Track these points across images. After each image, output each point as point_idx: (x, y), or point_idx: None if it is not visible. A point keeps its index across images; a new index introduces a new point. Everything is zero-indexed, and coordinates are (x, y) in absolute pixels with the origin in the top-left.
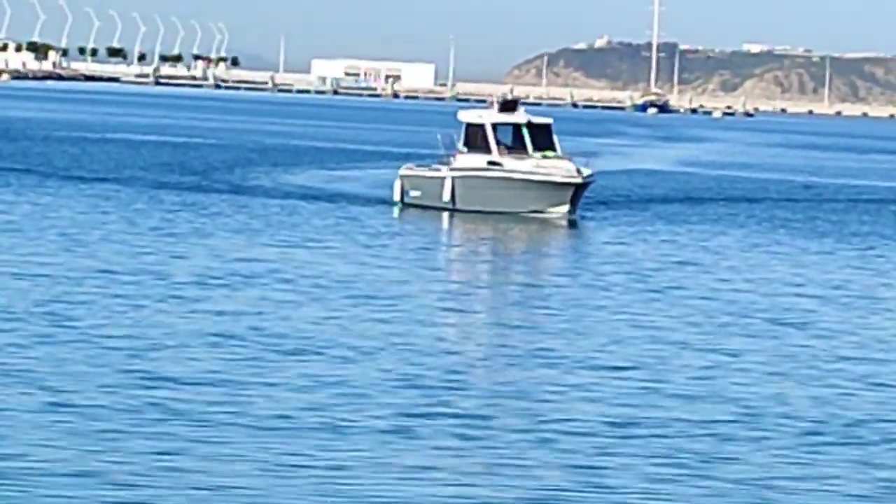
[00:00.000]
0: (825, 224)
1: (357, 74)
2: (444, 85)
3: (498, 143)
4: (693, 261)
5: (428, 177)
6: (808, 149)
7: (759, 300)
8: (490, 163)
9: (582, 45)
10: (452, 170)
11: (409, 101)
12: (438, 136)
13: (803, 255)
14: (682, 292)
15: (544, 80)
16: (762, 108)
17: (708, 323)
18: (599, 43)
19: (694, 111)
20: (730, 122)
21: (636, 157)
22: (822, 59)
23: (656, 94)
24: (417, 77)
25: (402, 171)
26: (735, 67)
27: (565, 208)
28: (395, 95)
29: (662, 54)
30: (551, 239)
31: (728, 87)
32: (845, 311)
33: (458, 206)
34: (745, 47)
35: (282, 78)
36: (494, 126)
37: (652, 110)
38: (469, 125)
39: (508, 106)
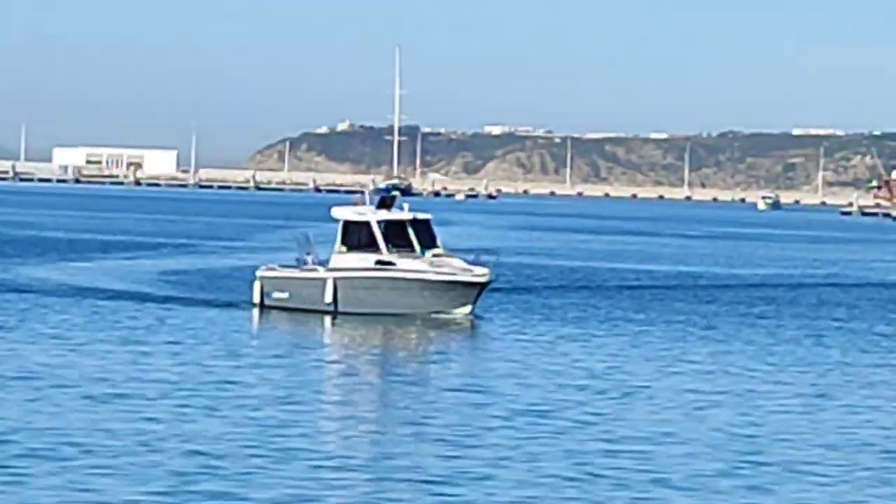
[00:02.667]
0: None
1: (99, 162)
2: (187, 171)
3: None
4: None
5: (298, 277)
6: (553, 231)
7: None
8: (379, 262)
9: (324, 129)
10: (332, 270)
11: (152, 188)
12: (300, 235)
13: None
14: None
15: (286, 165)
16: (505, 189)
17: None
18: (342, 126)
19: (437, 194)
20: (473, 205)
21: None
22: (564, 139)
23: (399, 177)
24: (159, 164)
25: (262, 272)
26: (477, 149)
27: (468, 308)
28: (138, 183)
29: (404, 137)
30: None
31: (470, 169)
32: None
33: (342, 308)
34: (487, 129)
35: (23, 166)
36: (381, 224)
37: (393, 192)
38: (349, 223)
39: (386, 202)
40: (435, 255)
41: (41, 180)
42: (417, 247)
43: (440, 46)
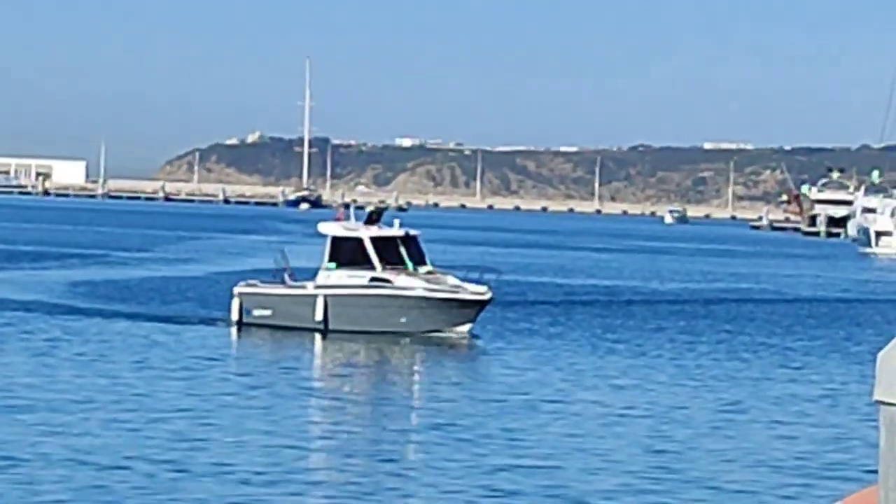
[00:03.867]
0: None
1: (7, 172)
2: (96, 182)
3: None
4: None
5: (283, 294)
6: (464, 244)
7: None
8: (374, 279)
9: (234, 141)
10: (322, 287)
11: (60, 198)
12: (277, 250)
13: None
14: None
15: (196, 176)
16: (415, 202)
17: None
18: (251, 138)
19: (347, 206)
20: (383, 218)
21: (290, 255)
22: (474, 152)
23: (308, 189)
24: (68, 174)
25: (241, 289)
26: (387, 161)
27: (468, 327)
28: (47, 193)
29: (314, 149)
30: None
31: (381, 182)
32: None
33: (334, 326)
34: (398, 141)
35: None
36: (373, 240)
37: (304, 206)
38: (338, 238)
39: (374, 217)
40: (428, 273)
41: None
42: (409, 263)
43: (351, 58)
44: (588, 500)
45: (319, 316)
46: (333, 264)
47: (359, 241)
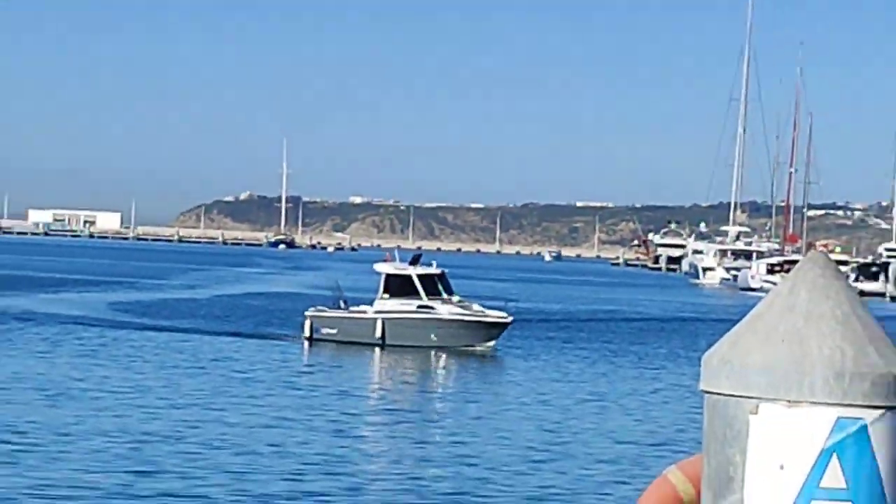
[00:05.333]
0: None
1: (63, 220)
2: (128, 228)
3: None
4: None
5: (347, 317)
6: None
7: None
8: (421, 306)
9: (230, 198)
10: (379, 312)
11: (101, 240)
12: (334, 283)
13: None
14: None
15: (202, 224)
16: (364, 244)
17: None
18: (243, 196)
19: (313, 247)
20: (340, 255)
21: (272, 282)
22: (407, 207)
23: (285, 234)
24: (107, 222)
25: (311, 312)
26: (343, 214)
27: (493, 343)
28: (91, 236)
29: (290, 204)
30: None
31: (338, 229)
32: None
33: (389, 342)
34: (351, 199)
35: (6, 223)
36: (419, 276)
37: (282, 246)
38: (390, 275)
39: (415, 260)
40: (459, 301)
41: (19, 233)
42: (444, 294)
43: (318, 133)
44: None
45: (378, 334)
46: (387, 295)
47: (408, 277)
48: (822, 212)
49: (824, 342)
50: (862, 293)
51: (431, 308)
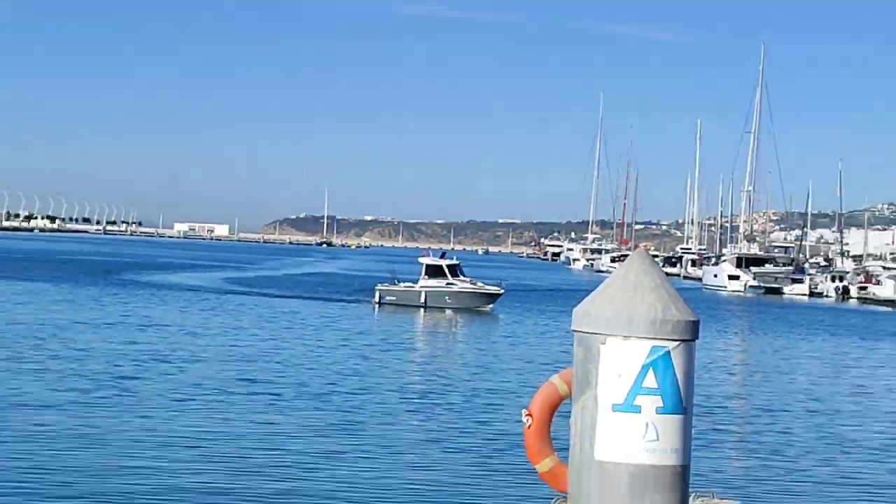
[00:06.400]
0: None
1: (193, 230)
2: (233, 234)
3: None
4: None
5: (402, 290)
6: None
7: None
8: (448, 283)
9: (293, 216)
10: (423, 287)
11: (217, 241)
12: (391, 270)
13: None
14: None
15: (277, 232)
16: (373, 244)
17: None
18: (302, 215)
19: (343, 246)
20: (359, 251)
21: (320, 267)
22: (399, 222)
23: (326, 238)
24: (221, 230)
25: (379, 287)
26: (360, 226)
27: (491, 306)
28: (211, 239)
29: (329, 220)
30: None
31: (358, 235)
32: None
33: (429, 304)
34: (364, 216)
35: (160, 231)
36: (446, 265)
37: (324, 245)
38: (428, 265)
39: (442, 255)
40: (470, 281)
41: (168, 237)
42: (461, 276)
43: (346, 174)
44: None
45: (422, 300)
46: (427, 276)
47: (439, 266)
48: (643, 226)
49: (644, 301)
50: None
51: (453, 284)
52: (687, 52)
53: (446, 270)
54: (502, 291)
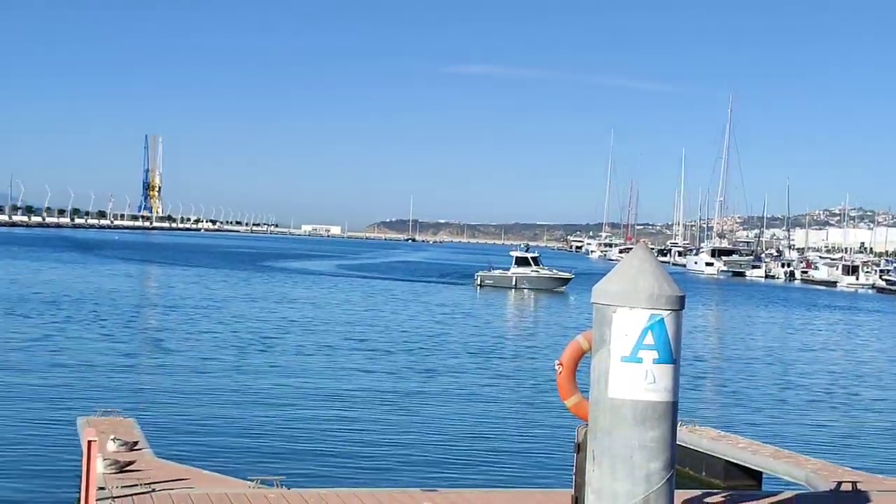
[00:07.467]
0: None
1: (317, 230)
2: (344, 233)
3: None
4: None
5: (498, 275)
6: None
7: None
8: (534, 270)
9: (388, 219)
10: (514, 273)
11: (333, 238)
12: (488, 262)
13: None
14: None
15: (376, 231)
16: (445, 240)
17: None
18: (393, 218)
19: (424, 241)
20: (435, 246)
21: (408, 256)
22: (463, 224)
23: (412, 237)
24: (335, 230)
25: (480, 274)
26: (435, 227)
27: (564, 287)
28: (329, 237)
29: (413, 222)
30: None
31: (434, 234)
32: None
33: (518, 287)
34: (437, 220)
35: (291, 231)
36: (531, 257)
37: (410, 241)
38: (518, 257)
39: (527, 250)
40: (548, 269)
41: (297, 235)
42: (541, 265)
43: (426, 189)
44: None
45: (513, 283)
46: (516, 266)
47: (525, 257)
48: (642, 226)
49: (645, 281)
50: (660, 262)
51: (537, 271)
52: (676, 97)
53: (531, 260)
54: (573, 276)
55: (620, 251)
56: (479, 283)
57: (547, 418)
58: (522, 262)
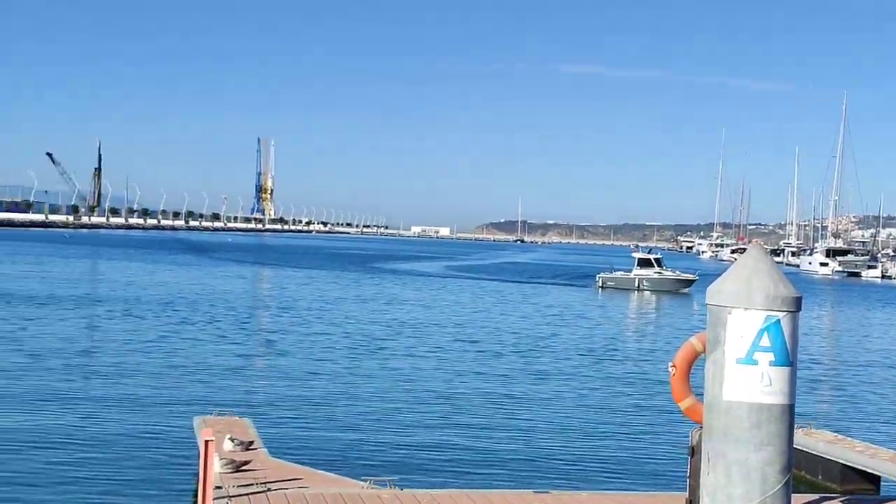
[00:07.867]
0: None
1: (425, 231)
2: (454, 234)
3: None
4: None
5: (621, 277)
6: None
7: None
8: (657, 272)
9: (498, 220)
10: (637, 274)
11: (442, 239)
12: (609, 264)
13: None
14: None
15: (484, 232)
16: (554, 241)
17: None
18: (503, 220)
19: (532, 242)
20: (543, 246)
21: (517, 257)
22: (568, 224)
23: (521, 237)
24: (444, 231)
25: (602, 275)
26: (542, 228)
27: (689, 289)
28: (438, 238)
29: (521, 223)
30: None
31: (540, 236)
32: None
33: (642, 288)
34: (545, 221)
35: (400, 232)
36: (653, 258)
37: (519, 242)
38: (640, 259)
39: (649, 252)
40: (672, 270)
41: (407, 237)
42: (664, 266)
43: (535, 191)
44: None
45: (636, 285)
46: (638, 267)
47: (648, 259)
48: (754, 226)
49: (760, 281)
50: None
51: (659, 272)
52: (788, 96)
53: (653, 262)
54: (697, 278)
55: (732, 251)
56: (601, 284)
57: (660, 420)
58: (645, 263)
